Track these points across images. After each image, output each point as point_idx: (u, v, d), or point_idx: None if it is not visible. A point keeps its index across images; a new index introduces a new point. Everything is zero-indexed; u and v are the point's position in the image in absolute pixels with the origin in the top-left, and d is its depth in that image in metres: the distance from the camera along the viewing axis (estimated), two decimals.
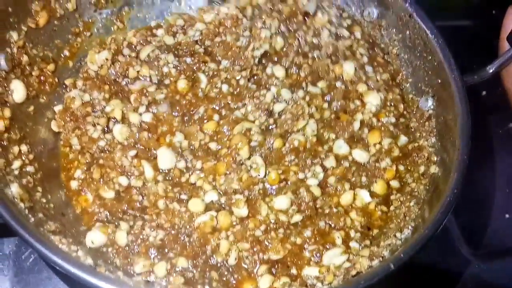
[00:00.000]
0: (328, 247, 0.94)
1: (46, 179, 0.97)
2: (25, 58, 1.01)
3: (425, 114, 1.09)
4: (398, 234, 0.93)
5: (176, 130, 1.05)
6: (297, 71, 1.12)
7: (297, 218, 0.97)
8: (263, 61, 1.13)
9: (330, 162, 1.04)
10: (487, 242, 1.21)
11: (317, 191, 1.00)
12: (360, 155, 1.05)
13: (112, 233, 0.93)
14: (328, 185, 1.02)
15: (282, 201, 0.98)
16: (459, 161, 0.92)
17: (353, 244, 0.94)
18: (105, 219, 0.96)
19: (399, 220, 0.98)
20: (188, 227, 0.95)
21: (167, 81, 1.11)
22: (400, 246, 0.89)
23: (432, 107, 1.09)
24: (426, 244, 0.84)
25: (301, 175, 1.01)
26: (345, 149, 1.05)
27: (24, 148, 0.96)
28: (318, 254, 0.93)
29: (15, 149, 0.94)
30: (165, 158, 1.01)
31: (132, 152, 1.01)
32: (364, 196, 1.01)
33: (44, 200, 0.93)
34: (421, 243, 0.84)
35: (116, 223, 0.95)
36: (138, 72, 1.10)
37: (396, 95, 1.13)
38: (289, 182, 1.00)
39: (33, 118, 1.02)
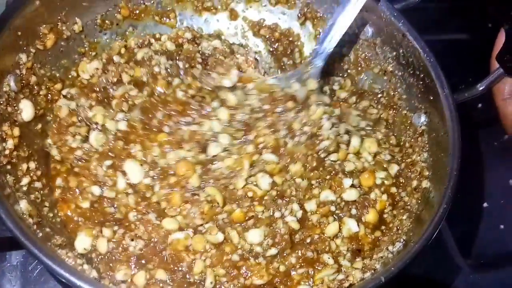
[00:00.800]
0: (319, 268, 0.93)
1: (52, 194, 1.00)
2: (33, 79, 1.04)
3: (418, 130, 1.12)
4: (390, 247, 0.96)
5: (139, 141, 1.03)
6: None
7: (273, 251, 0.93)
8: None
9: (310, 206, 1.00)
10: (481, 252, 1.23)
11: (295, 225, 0.96)
12: (349, 195, 1.02)
13: (96, 237, 0.93)
14: (309, 220, 0.99)
15: (254, 234, 0.94)
16: (448, 177, 0.95)
17: (344, 263, 0.95)
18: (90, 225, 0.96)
19: (391, 234, 1.01)
20: (162, 242, 0.93)
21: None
22: (392, 259, 0.92)
23: (424, 123, 1.11)
24: (416, 257, 0.87)
25: (275, 213, 0.97)
26: (332, 197, 1.01)
27: (32, 165, 0.99)
28: (309, 277, 0.91)
29: (24, 166, 0.97)
30: (131, 171, 0.99)
31: (108, 162, 1.00)
32: (351, 225, 0.98)
33: (51, 215, 0.96)
34: (411, 257, 0.87)
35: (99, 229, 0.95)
36: (132, 76, 1.11)
37: (383, 129, 1.14)
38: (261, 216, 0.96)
39: (40, 135, 1.05)
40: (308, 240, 0.97)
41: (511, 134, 1.07)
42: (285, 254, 0.95)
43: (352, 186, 1.03)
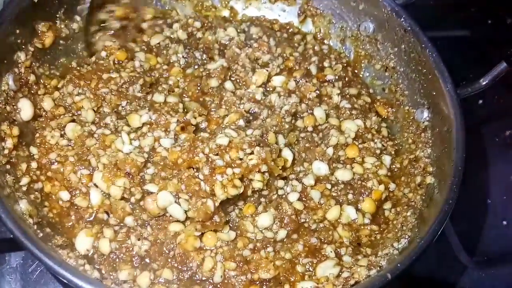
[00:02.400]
0: (321, 259, 0.94)
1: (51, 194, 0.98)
2: (32, 78, 1.03)
3: (420, 126, 1.12)
4: (395, 244, 0.95)
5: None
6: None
7: (282, 233, 0.96)
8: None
9: (308, 180, 1.03)
10: (485, 249, 1.23)
11: (299, 205, 1.00)
12: (343, 175, 1.04)
13: (97, 237, 0.91)
14: (310, 200, 1.02)
15: (265, 218, 0.96)
16: (453, 172, 0.95)
17: (345, 258, 0.95)
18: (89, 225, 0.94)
19: (396, 230, 1.00)
20: (170, 242, 0.92)
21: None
22: (397, 256, 0.91)
23: (427, 118, 1.11)
24: (422, 254, 0.86)
25: (278, 191, 1.01)
26: (324, 168, 1.04)
27: (33, 164, 0.98)
28: (311, 268, 0.92)
29: (23, 165, 0.96)
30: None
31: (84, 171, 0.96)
32: (350, 212, 1.00)
33: (51, 215, 0.95)
34: (417, 253, 0.86)
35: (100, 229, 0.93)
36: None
37: (376, 120, 1.14)
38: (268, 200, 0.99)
39: None
40: (313, 227, 0.99)
41: None
42: (293, 238, 0.97)
43: (339, 161, 1.06)
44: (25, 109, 1.00)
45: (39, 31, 1.06)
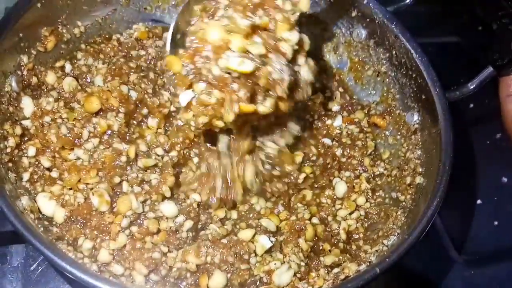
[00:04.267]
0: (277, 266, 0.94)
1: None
2: (34, 80, 1.06)
3: (411, 128, 1.14)
4: (385, 241, 0.97)
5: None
6: None
7: None
8: None
9: None
10: (476, 248, 1.25)
11: None
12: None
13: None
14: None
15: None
16: (441, 172, 0.97)
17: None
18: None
19: (387, 228, 1.02)
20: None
21: None
22: (387, 252, 0.93)
23: (417, 121, 1.14)
24: (409, 250, 0.89)
25: None
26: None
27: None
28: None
29: (25, 161, 0.98)
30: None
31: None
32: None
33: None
34: (405, 249, 0.88)
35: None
36: None
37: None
38: None
39: None
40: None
41: (508, 130, 1.07)
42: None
43: None
44: (27, 108, 1.02)
45: (42, 36, 1.08)
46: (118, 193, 0.95)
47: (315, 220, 1.03)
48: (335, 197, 1.09)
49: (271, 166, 1.05)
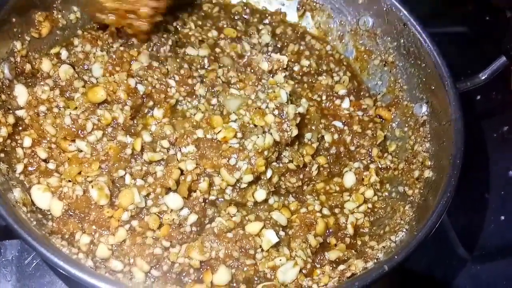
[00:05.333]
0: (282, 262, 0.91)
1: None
2: (28, 67, 1.03)
3: (419, 120, 1.11)
4: (392, 237, 0.94)
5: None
6: None
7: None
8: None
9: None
10: (483, 244, 1.23)
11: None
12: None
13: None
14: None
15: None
16: (451, 165, 0.94)
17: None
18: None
19: (394, 224, 0.99)
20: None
21: None
22: (395, 249, 0.90)
23: (426, 113, 1.11)
24: (419, 246, 0.86)
25: None
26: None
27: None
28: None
29: (20, 151, 0.95)
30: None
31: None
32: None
33: None
34: (414, 245, 0.85)
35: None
36: None
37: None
38: None
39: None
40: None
41: None
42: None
43: None
44: (21, 96, 0.99)
45: (36, 21, 1.05)
46: (118, 186, 0.92)
47: (325, 211, 1.00)
48: (344, 187, 1.06)
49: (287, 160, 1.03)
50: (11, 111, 0.97)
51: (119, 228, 0.88)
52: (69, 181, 0.92)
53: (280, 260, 0.89)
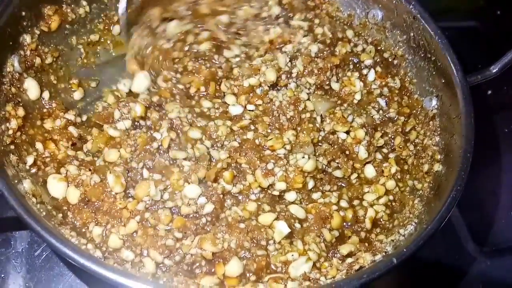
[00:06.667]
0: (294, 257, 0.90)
1: None
2: (37, 60, 1.03)
3: (429, 114, 1.10)
4: (401, 230, 0.94)
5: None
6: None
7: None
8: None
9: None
10: (493, 239, 1.22)
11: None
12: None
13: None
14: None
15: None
16: (462, 158, 0.93)
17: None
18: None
19: (403, 217, 0.99)
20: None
21: None
22: (403, 242, 0.90)
23: (436, 106, 1.10)
24: (428, 240, 0.85)
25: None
26: None
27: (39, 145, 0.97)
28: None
29: (28, 146, 0.96)
30: None
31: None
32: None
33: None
34: (424, 239, 0.85)
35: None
36: None
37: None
38: None
39: None
40: None
41: None
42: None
43: None
44: (31, 89, 1.00)
45: (45, 15, 1.05)
46: (135, 179, 0.94)
47: (343, 203, 0.99)
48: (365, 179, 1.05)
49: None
50: (21, 104, 0.98)
51: (130, 220, 0.89)
52: (89, 170, 0.94)
53: (293, 255, 0.88)
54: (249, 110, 1.06)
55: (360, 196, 1.02)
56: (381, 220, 1.00)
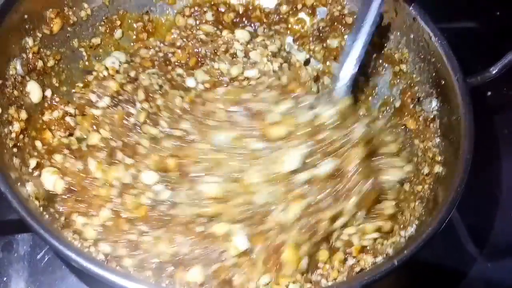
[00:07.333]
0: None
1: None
2: (40, 63, 1.04)
3: (429, 115, 1.11)
4: (402, 232, 0.94)
5: None
6: None
7: None
8: None
9: None
10: (493, 241, 1.21)
11: None
12: None
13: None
14: None
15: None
16: (462, 160, 0.93)
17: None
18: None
19: (404, 220, 0.99)
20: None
21: None
22: (404, 244, 0.90)
23: (436, 108, 1.10)
24: (429, 241, 0.85)
25: None
26: None
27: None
28: None
29: (31, 149, 0.96)
30: None
31: None
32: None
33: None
34: (424, 240, 0.85)
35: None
36: None
37: None
38: None
39: None
40: None
41: None
42: None
43: None
44: (34, 92, 1.01)
45: (47, 18, 1.06)
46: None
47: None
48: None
49: None
50: (23, 107, 0.98)
51: (101, 208, 0.90)
52: (74, 157, 0.97)
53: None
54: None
55: None
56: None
